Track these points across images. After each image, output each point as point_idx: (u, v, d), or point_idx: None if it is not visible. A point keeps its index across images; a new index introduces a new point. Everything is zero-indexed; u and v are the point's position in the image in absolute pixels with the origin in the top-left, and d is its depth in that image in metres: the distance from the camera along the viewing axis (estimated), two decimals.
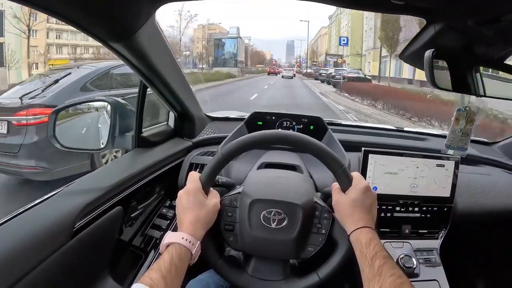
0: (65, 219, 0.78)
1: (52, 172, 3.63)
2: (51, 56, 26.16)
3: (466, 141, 1.15)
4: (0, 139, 3.66)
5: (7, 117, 3.64)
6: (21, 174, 3.77)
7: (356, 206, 0.78)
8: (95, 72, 4.22)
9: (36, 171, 3.64)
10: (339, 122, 1.74)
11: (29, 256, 0.68)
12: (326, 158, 0.82)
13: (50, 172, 3.63)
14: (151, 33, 0.93)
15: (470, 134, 1.14)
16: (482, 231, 1.45)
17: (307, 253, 0.83)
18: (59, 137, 1.23)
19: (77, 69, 4.42)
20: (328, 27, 60.35)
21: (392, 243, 1.16)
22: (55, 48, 27.74)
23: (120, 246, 1.01)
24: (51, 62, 24.56)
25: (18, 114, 3.63)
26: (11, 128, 3.64)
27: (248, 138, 0.83)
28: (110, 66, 4.38)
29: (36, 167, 3.61)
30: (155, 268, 0.66)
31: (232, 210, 0.85)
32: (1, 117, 3.67)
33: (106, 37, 0.83)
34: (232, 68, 44.20)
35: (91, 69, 4.30)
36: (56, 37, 27.79)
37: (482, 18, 0.75)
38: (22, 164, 3.61)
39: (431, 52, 0.82)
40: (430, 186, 1.17)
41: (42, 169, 3.62)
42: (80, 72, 4.25)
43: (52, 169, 3.63)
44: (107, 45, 0.85)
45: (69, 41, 28.36)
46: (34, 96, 3.87)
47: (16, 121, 3.62)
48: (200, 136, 1.49)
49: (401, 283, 0.65)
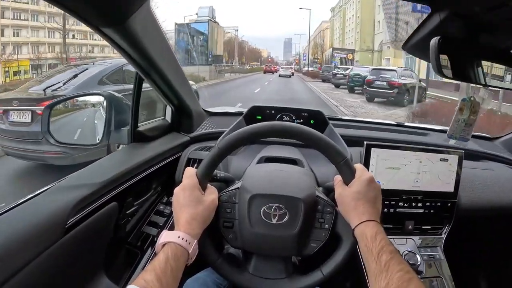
0: (57, 215, 0.75)
1: (74, 157, 3.88)
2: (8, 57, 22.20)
3: (469, 131, 1.13)
4: (25, 128, 3.98)
5: (31, 107, 3.95)
6: (44, 160, 4.05)
7: (360, 198, 0.75)
8: (111, 67, 4.61)
9: (58, 156, 3.94)
10: (340, 117, 1.73)
11: (19, 255, 0.65)
12: (328, 149, 0.79)
13: (71, 157, 3.89)
14: (146, 19, 0.90)
15: (473, 125, 1.12)
16: (486, 226, 1.44)
17: (310, 249, 0.80)
18: (54, 132, 1.21)
19: (93, 65, 4.87)
20: (330, 21, 57.35)
21: (396, 239, 1.14)
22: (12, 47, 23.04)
23: (115, 244, 0.98)
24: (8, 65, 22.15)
25: (41, 104, 3.84)
26: (34, 117, 3.94)
27: (246, 131, 0.80)
28: (123, 63, 4.65)
29: (58, 152, 3.88)
30: (149, 269, 0.64)
31: (231, 206, 0.82)
32: (26, 107, 4.00)
33: (97, 22, 0.79)
34: (202, 66, 30.11)
35: (106, 65, 4.73)
36: (14, 35, 23.33)
37: (489, 3, 0.73)
38: (46, 149, 3.87)
39: (437, 39, 0.79)
40: (434, 181, 1.15)
41: (64, 154, 3.89)
42: (96, 67, 4.69)
43: (73, 154, 3.88)
44: (98, 31, 0.81)
45: (29, 38, 24.08)
46: (56, 89, 4.19)
47: (40, 110, 3.86)
48: (198, 131, 1.47)
49: (409, 279, 0.62)
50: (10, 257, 0.64)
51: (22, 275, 0.64)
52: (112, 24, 0.81)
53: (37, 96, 4.14)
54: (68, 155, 3.86)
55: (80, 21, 0.75)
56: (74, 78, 4.32)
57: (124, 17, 0.80)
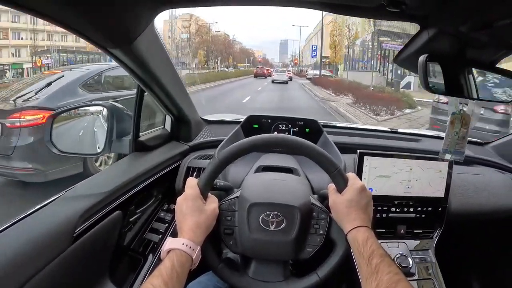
0: (66, 224, 0.78)
1: (46, 174, 3.64)
2: None
3: (463, 144, 1.16)
4: None
5: (1, 119, 3.62)
6: (14, 176, 3.76)
7: (352, 206, 0.79)
8: (87, 74, 4.26)
9: (29, 173, 3.65)
10: (334, 124, 1.75)
11: (31, 263, 0.69)
12: (321, 160, 0.83)
13: (43, 174, 3.64)
14: (150, 39, 0.94)
15: (466, 137, 1.16)
16: (476, 230, 1.48)
17: (306, 254, 0.85)
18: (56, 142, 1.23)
19: (70, 72, 4.46)
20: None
21: (388, 243, 1.18)
22: None
23: (119, 251, 1.01)
24: None
25: (11, 116, 3.62)
26: (4, 130, 3.62)
27: (244, 143, 0.84)
28: (102, 69, 4.43)
29: (29, 169, 3.62)
30: (156, 274, 0.67)
31: (231, 214, 0.87)
32: None
33: (106, 44, 0.84)
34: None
35: (84, 71, 4.34)
36: None
37: (474, 24, 0.77)
38: (16, 165, 3.60)
39: (425, 57, 0.83)
40: (424, 187, 1.19)
41: (35, 170, 3.62)
42: (73, 74, 4.28)
43: (45, 171, 3.64)
44: (106, 51, 0.86)
45: None
46: (28, 99, 3.88)
47: (9, 123, 3.60)
48: (196, 140, 1.50)
49: (398, 280, 0.66)
50: (23, 266, 0.67)
51: (33, 283, 0.68)
52: (120, 45, 0.86)
53: (7, 107, 3.79)
54: (40, 172, 3.62)
55: (89, 42, 0.79)
56: (48, 86, 3.97)
57: (131, 38, 0.84)
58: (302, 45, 71.91)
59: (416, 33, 0.89)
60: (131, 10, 0.77)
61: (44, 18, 0.67)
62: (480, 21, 0.75)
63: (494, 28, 0.75)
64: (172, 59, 1.18)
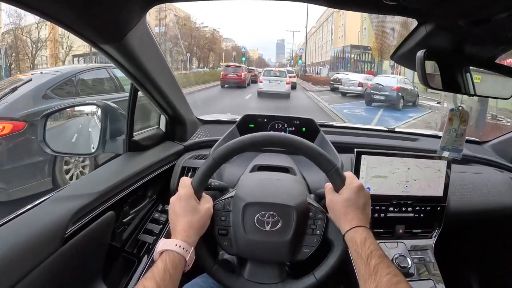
0: (57, 225, 0.76)
1: (9, 192, 3.21)
2: None
3: (461, 142, 1.15)
4: None
5: None
6: None
7: (350, 205, 0.78)
8: (58, 78, 3.82)
9: None
10: (331, 124, 1.74)
11: (19, 265, 0.67)
12: (318, 158, 0.82)
13: (5, 192, 3.21)
14: (142, 34, 0.92)
15: (464, 134, 1.14)
16: (475, 228, 1.47)
17: (303, 255, 0.83)
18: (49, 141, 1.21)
19: (40, 75, 3.93)
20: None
21: (387, 243, 1.17)
22: None
23: (113, 252, 0.99)
24: None
25: None
26: None
27: (239, 141, 0.83)
28: (75, 71, 4.04)
29: None
30: (149, 276, 0.65)
31: (226, 214, 0.85)
32: None
33: (96, 39, 0.82)
34: None
35: (53, 74, 3.89)
36: None
37: (472, 19, 0.76)
38: None
39: (423, 52, 0.82)
40: (423, 186, 1.18)
41: None
42: (42, 78, 3.81)
43: (8, 189, 3.22)
44: (97, 47, 0.84)
45: None
46: None
47: None
48: (191, 140, 1.48)
49: (398, 281, 0.65)
50: (11, 267, 0.65)
51: (22, 285, 0.66)
52: (111, 41, 0.84)
53: None
54: (2, 190, 3.16)
55: (79, 38, 0.77)
56: (13, 92, 3.48)
57: (122, 34, 0.83)
58: (300, 43, 62.11)
59: (414, 28, 0.88)
60: (122, 5, 0.75)
61: (34, 12, 0.66)
62: (479, 16, 0.74)
63: (492, 22, 0.74)
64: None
